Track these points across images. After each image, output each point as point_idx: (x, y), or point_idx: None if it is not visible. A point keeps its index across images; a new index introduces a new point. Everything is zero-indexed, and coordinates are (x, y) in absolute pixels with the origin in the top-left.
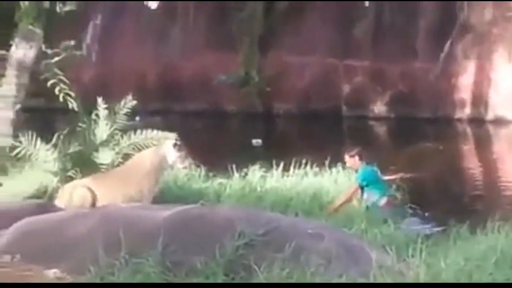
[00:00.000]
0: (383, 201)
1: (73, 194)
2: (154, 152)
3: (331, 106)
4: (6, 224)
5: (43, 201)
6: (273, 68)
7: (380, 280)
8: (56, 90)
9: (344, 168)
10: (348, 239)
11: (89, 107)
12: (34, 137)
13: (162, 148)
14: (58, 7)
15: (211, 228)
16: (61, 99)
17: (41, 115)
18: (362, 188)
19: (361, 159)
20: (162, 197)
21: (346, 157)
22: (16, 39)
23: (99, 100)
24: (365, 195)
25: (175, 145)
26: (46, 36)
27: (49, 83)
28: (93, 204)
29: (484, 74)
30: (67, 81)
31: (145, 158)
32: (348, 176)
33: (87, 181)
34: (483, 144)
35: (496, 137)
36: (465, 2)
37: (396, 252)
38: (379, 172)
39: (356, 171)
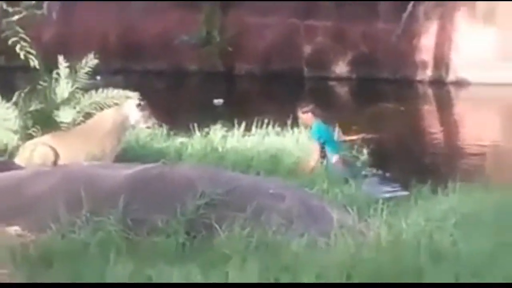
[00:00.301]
0: (335, 158)
1: (35, 152)
2: (116, 112)
3: (293, 67)
4: None
5: (3, 159)
6: (235, 28)
7: (340, 239)
8: (17, 48)
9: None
10: (310, 198)
11: (50, 66)
12: None
13: (125, 108)
14: None
15: (172, 187)
16: (22, 57)
17: (1, 73)
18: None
19: (314, 116)
20: (124, 156)
21: (300, 114)
22: None
23: (60, 58)
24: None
25: (138, 105)
26: None
27: (10, 41)
28: (55, 163)
29: (446, 35)
30: (28, 39)
31: (108, 117)
32: (308, 136)
33: (48, 138)
34: (444, 106)
35: (457, 98)
36: None
37: (358, 212)
38: (333, 130)
39: (310, 128)
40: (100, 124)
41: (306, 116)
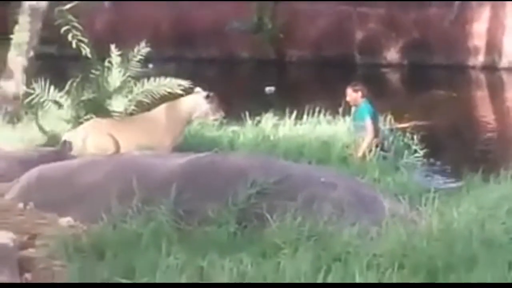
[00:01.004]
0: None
1: (97, 143)
2: (182, 104)
3: (344, 54)
4: (19, 172)
5: (56, 148)
6: (286, 15)
7: (392, 228)
8: (69, 37)
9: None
10: (361, 187)
11: (103, 54)
12: (47, 84)
13: (192, 100)
14: None
15: (223, 176)
16: (74, 45)
17: (54, 62)
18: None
19: (363, 96)
20: (176, 146)
21: (349, 90)
22: None
23: (112, 47)
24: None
25: (206, 97)
26: None
27: (62, 30)
28: (115, 152)
29: (499, 20)
30: (80, 28)
31: (173, 108)
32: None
33: (109, 127)
34: (496, 92)
35: (510, 84)
36: None
37: (409, 201)
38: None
39: (355, 106)
40: (165, 114)
41: (355, 95)
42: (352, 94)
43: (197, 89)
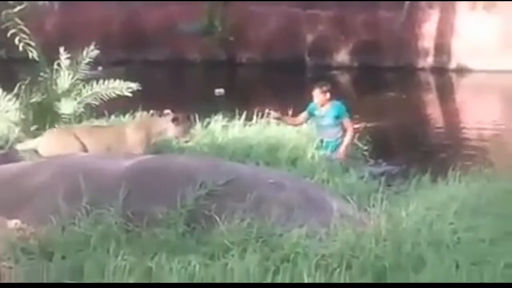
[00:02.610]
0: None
1: (62, 142)
2: (152, 125)
3: (294, 56)
4: None
5: (5, 151)
6: (236, 17)
7: (340, 229)
8: (16, 40)
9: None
10: (309, 188)
11: (52, 57)
12: None
13: (162, 123)
14: None
15: (172, 178)
16: (21, 48)
17: (2, 65)
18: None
19: (331, 97)
20: None
21: (316, 91)
22: None
23: (61, 50)
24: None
25: (173, 119)
26: None
27: (9, 33)
28: None
29: (448, 23)
30: (27, 31)
31: (137, 130)
32: (310, 125)
33: (75, 132)
34: (445, 93)
35: (459, 85)
36: None
37: (358, 202)
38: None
39: (321, 107)
40: (132, 133)
41: (323, 96)
42: (320, 95)
43: (167, 111)
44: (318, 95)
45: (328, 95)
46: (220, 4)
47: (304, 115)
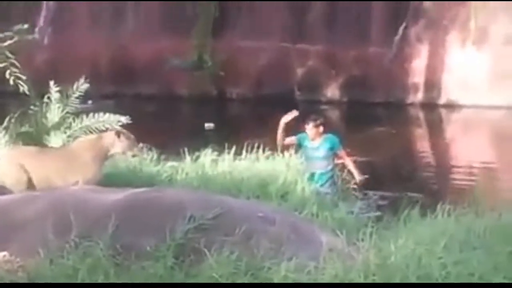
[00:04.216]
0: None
1: (4, 172)
2: (100, 140)
3: (284, 90)
4: None
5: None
6: (226, 52)
7: (329, 263)
8: (7, 74)
9: (296, 151)
10: (299, 222)
11: (42, 91)
12: None
13: (108, 137)
14: None
15: (161, 211)
16: (11, 82)
17: None
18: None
19: (325, 130)
20: (113, 181)
21: (310, 125)
22: None
23: (51, 83)
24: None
25: (116, 133)
26: None
27: None
28: (28, 185)
29: (438, 58)
30: (18, 65)
31: (86, 146)
32: (300, 159)
33: (23, 157)
34: (435, 128)
35: (448, 121)
36: None
37: (347, 236)
38: None
39: (312, 141)
40: (77, 153)
41: (316, 130)
42: (313, 129)
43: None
44: (311, 128)
45: (321, 128)
46: (210, 39)
47: (293, 139)
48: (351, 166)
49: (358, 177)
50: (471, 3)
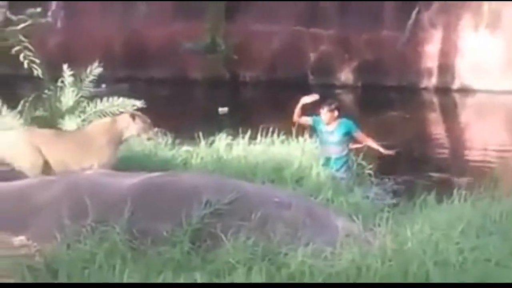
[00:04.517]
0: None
1: (20, 155)
2: (115, 123)
3: (298, 74)
4: None
5: (8, 168)
6: (240, 35)
7: (346, 248)
8: (21, 57)
9: (311, 135)
10: (315, 207)
11: (56, 74)
12: None
13: (123, 119)
14: None
15: (177, 196)
16: (25, 66)
17: (6, 82)
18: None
19: (339, 114)
20: (129, 165)
21: (325, 110)
22: None
23: (65, 67)
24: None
25: (133, 116)
26: (11, 3)
27: (14, 50)
28: (44, 168)
29: (451, 42)
30: (32, 48)
31: (101, 129)
32: (315, 144)
33: (39, 139)
34: (449, 113)
35: (462, 105)
36: None
37: (363, 221)
38: None
39: (327, 125)
40: (92, 137)
41: (331, 114)
42: (328, 114)
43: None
44: (326, 113)
45: (336, 113)
46: (223, 23)
47: (308, 120)
48: (373, 144)
49: (385, 151)
50: None
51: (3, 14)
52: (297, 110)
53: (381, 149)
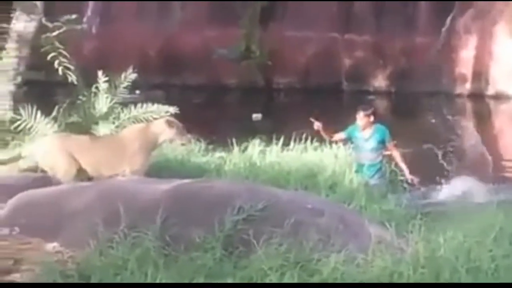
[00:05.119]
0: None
1: (54, 161)
2: (149, 128)
3: (332, 81)
4: (4, 197)
5: (42, 174)
6: (274, 42)
7: (378, 255)
8: (56, 64)
9: (344, 143)
10: (348, 214)
11: (90, 80)
12: (34, 110)
13: (158, 125)
14: None
15: (210, 202)
16: (60, 72)
17: (41, 88)
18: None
19: (375, 120)
20: (162, 171)
21: (361, 114)
22: (17, 12)
23: (99, 73)
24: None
25: (168, 122)
26: (46, 9)
27: (49, 57)
28: (78, 175)
29: (485, 49)
30: (67, 55)
31: (135, 135)
32: (348, 151)
33: (72, 145)
34: (483, 119)
35: (497, 112)
36: None
37: (396, 228)
38: None
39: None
40: (126, 142)
41: (367, 119)
42: (364, 118)
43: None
44: (362, 118)
45: (372, 118)
46: (258, 29)
47: (341, 135)
48: (400, 162)
49: (408, 175)
50: None
51: (39, 21)
52: (324, 133)
53: (406, 172)
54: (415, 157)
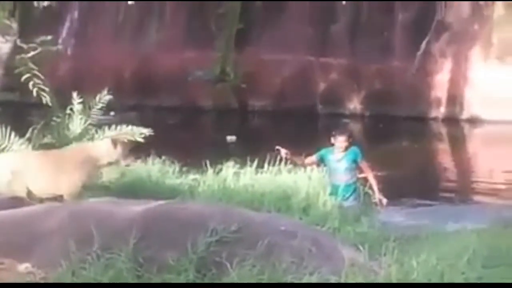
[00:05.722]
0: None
1: (13, 183)
2: (93, 148)
3: (307, 104)
4: None
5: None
6: (249, 65)
7: (351, 278)
8: (30, 85)
9: (318, 166)
10: (321, 237)
11: (65, 102)
12: (8, 131)
13: (102, 145)
14: (36, 1)
15: (183, 224)
16: (35, 93)
17: (15, 109)
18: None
19: (351, 142)
20: (136, 192)
21: (342, 138)
22: None
23: (74, 94)
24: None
25: (114, 142)
26: (21, 30)
27: (23, 78)
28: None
29: (460, 73)
30: (41, 76)
31: (76, 154)
32: (322, 173)
33: (16, 162)
34: (457, 143)
35: (470, 136)
36: (442, 2)
37: (369, 250)
38: None
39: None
40: (69, 158)
41: (347, 142)
42: (344, 143)
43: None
44: (342, 142)
45: (350, 141)
46: (233, 52)
47: (313, 158)
48: (373, 182)
49: (378, 196)
50: (494, 17)
51: (13, 42)
52: (296, 160)
53: (376, 193)
54: (388, 180)
